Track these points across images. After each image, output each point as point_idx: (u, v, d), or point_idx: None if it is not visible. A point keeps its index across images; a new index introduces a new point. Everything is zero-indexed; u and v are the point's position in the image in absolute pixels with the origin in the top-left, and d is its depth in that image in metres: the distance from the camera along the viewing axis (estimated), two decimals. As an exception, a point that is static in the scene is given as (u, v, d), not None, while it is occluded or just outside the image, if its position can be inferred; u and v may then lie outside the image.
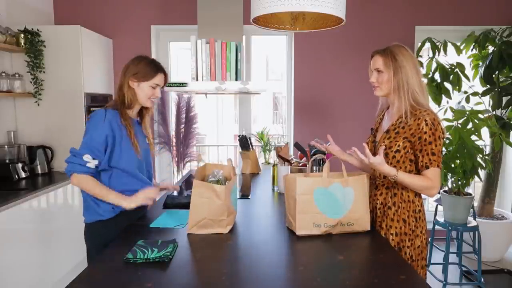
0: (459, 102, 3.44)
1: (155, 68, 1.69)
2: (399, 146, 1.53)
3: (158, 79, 1.69)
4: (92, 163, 1.56)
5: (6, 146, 2.78)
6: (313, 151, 2.21)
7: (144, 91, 1.67)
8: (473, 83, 3.43)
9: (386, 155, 1.55)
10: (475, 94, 3.30)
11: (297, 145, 2.35)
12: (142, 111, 1.78)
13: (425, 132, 1.47)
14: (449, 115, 2.92)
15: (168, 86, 2.49)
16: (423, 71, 3.36)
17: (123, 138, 1.62)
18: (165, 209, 1.88)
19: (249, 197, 2.14)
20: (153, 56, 3.64)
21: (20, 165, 2.78)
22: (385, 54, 1.55)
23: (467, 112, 2.77)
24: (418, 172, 1.55)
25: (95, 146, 1.56)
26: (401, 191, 1.57)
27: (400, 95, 1.53)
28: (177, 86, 2.52)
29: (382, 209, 1.61)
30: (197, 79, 2.59)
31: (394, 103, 1.59)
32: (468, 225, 2.79)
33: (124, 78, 1.67)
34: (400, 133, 1.54)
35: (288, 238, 1.49)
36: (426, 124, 1.46)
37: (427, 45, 3.35)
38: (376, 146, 1.63)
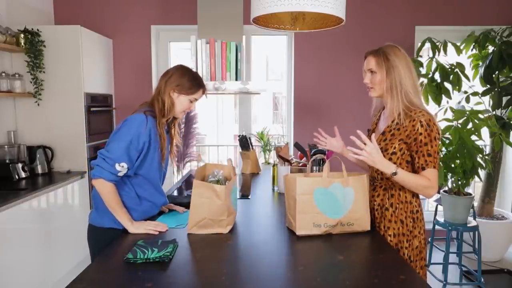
0: (459, 102, 3.44)
1: (198, 83, 1.68)
2: (395, 148, 1.52)
3: (198, 94, 1.70)
4: (123, 172, 1.53)
5: (6, 146, 2.78)
6: (313, 151, 2.21)
7: (182, 104, 1.67)
8: (473, 83, 3.43)
9: None
10: (475, 94, 3.30)
11: (297, 145, 2.36)
12: (172, 120, 1.77)
13: (421, 133, 1.46)
14: (449, 115, 2.92)
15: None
16: (423, 71, 3.36)
17: (156, 149, 1.61)
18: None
19: (249, 197, 2.14)
20: (153, 56, 3.64)
21: (20, 165, 2.78)
22: (377, 55, 1.54)
23: (467, 112, 2.77)
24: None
25: (133, 154, 1.53)
26: (399, 192, 1.57)
27: (393, 95, 1.52)
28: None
29: (380, 210, 1.61)
30: (197, 79, 2.59)
31: (388, 104, 1.59)
32: (468, 225, 2.79)
33: (165, 86, 1.64)
34: (395, 135, 1.53)
35: (288, 238, 1.49)
36: (422, 125, 1.45)
37: (427, 45, 3.35)
38: None
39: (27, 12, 3.19)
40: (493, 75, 3.25)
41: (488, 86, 3.29)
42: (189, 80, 1.66)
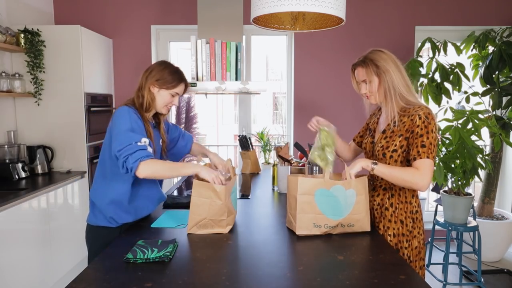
0: (459, 102, 3.44)
1: (179, 77, 1.66)
2: (395, 145, 1.53)
3: (180, 88, 1.67)
4: (149, 148, 1.50)
5: (6, 146, 2.78)
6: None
7: (163, 98, 1.65)
8: (473, 83, 3.43)
9: (383, 155, 1.55)
10: (475, 94, 3.30)
11: (297, 145, 2.35)
12: (158, 115, 1.76)
13: (418, 126, 1.47)
14: (449, 115, 2.92)
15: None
16: (423, 71, 3.36)
17: None
18: (166, 209, 1.88)
19: (249, 197, 2.14)
20: (153, 56, 3.64)
21: (20, 165, 2.78)
22: (365, 65, 1.55)
23: (467, 112, 2.77)
24: None
25: (141, 129, 1.52)
26: (398, 192, 1.57)
27: (387, 100, 1.54)
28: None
29: (379, 210, 1.61)
30: (197, 79, 2.59)
31: (383, 108, 1.60)
32: (468, 225, 2.79)
33: (145, 81, 1.64)
34: (395, 131, 1.54)
35: (288, 238, 1.49)
36: (420, 118, 1.47)
37: (427, 45, 3.35)
38: (374, 147, 1.63)
39: (27, 12, 3.19)
40: (493, 75, 3.25)
41: (488, 86, 3.29)
42: (170, 74, 1.64)
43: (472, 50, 3.43)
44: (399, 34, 3.59)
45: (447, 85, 3.27)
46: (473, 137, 2.74)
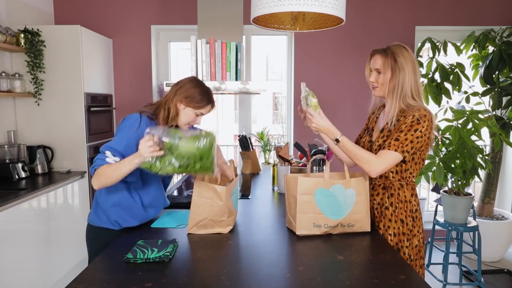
0: (459, 102, 3.44)
1: (208, 98, 1.64)
2: None
3: (206, 109, 1.65)
4: (111, 159, 1.46)
5: (6, 146, 2.78)
6: (313, 151, 2.21)
7: (188, 116, 1.62)
8: (473, 83, 3.43)
9: None
10: (475, 94, 3.30)
11: (297, 145, 2.35)
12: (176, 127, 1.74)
13: (405, 123, 1.48)
14: (449, 115, 2.92)
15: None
16: (423, 71, 3.36)
17: None
18: (166, 209, 1.88)
19: (249, 197, 2.14)
20: (153, 56, 3.64)
21: (20, 165, 2.78)
22: (385, 55, 1.53)
23: (467, 112, 2.77)
24: (414, 171, 1.56)
25: (129, 144, 1.49)
26: (398, 191, 1.57)
27: (393, 98, 1.53)
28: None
29: (379, 209, 1.61)
30: (197, 79, 2.59)
31: (387, 104, 1.60)
32: (468, 225, 2.79)
33: (174, 95, 1.61)
34: (392, 131, 1.54)
35: (288, 238, 1.49)
36: (412, 117, 1.47)
37: (427, 45, 3.35)
38: (372, 146, 1.63)
39: (27, 12, 3.19)
40: (493, 75, 3.25)
41: (488, 86, 3.29)
42: (200, 94, 1.61)
43: (472, 50, 3.43)
44: (399, 34, 3.58)
45: (447, 85, 3.28)
46: (473, 137, 2.74)
